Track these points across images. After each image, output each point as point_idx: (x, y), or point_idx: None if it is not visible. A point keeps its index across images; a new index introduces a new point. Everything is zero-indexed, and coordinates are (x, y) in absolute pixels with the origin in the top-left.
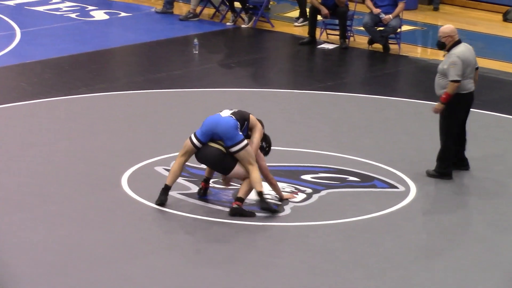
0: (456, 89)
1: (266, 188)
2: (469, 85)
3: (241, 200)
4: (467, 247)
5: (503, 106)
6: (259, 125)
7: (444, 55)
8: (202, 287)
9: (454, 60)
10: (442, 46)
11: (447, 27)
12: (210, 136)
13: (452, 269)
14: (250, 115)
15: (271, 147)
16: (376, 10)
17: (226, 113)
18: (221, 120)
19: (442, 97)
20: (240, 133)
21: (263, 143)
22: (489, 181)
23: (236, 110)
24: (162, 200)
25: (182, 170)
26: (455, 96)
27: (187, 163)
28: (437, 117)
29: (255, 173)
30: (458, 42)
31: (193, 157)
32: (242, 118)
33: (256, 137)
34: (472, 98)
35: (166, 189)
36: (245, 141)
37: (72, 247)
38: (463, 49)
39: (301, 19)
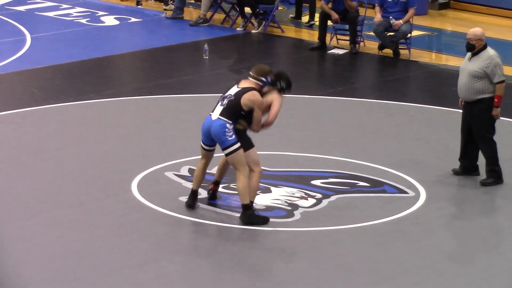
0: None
1: (276, 193)
2: None
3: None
4: (478, 252)
5: None
6: (257, 101)
7: (469, 59)
8: None
9: (497, 61)
10: (471, 48)
11: (477, 30)
12: (212, 139)
13: (463, 275)
14: (242, 99)
15: (290, 83)
16: (377, 18)
17: (216, 113)
18: (211, 125)
19: (495, 101)
20: (230, 136)
21: (280, 83)
22: (499, 186)
23: (227, 102)
24: (189, 204)
25: (204, 173)
26: (493, 98)
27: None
28: (448, 122)
29: (241, 182)
30: (485, 46)
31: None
32: (234, 111)
33: (255, 116)
34: None
35: (192, 193)
36: (235, 146)
37: (82, 252)
38: (494, 51)
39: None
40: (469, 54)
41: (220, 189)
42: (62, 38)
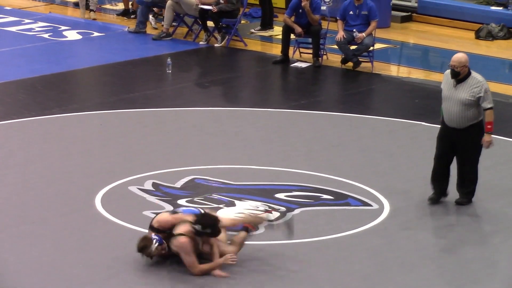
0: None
1: (240, 207)
2: None
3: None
4: (442, 263)
5: None
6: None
7: (455, 86)
8: None
9: (487, 87)
10: (457, 75)
11: (462, 57)
12: None
13: (428, 286)
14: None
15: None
16: (339, 35)
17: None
18: None
19: (488, 128)
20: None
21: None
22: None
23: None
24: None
25: None
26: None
27: (160, 182)
28: (412, 134)
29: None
30: (469, 71)
31: (166, 176)
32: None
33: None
34: None
35: None
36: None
37: (46, 267)
38: (480, 75)
39: (259, 27)
40: (453, 81)
41: (189, 204)
42: (25, 53)
